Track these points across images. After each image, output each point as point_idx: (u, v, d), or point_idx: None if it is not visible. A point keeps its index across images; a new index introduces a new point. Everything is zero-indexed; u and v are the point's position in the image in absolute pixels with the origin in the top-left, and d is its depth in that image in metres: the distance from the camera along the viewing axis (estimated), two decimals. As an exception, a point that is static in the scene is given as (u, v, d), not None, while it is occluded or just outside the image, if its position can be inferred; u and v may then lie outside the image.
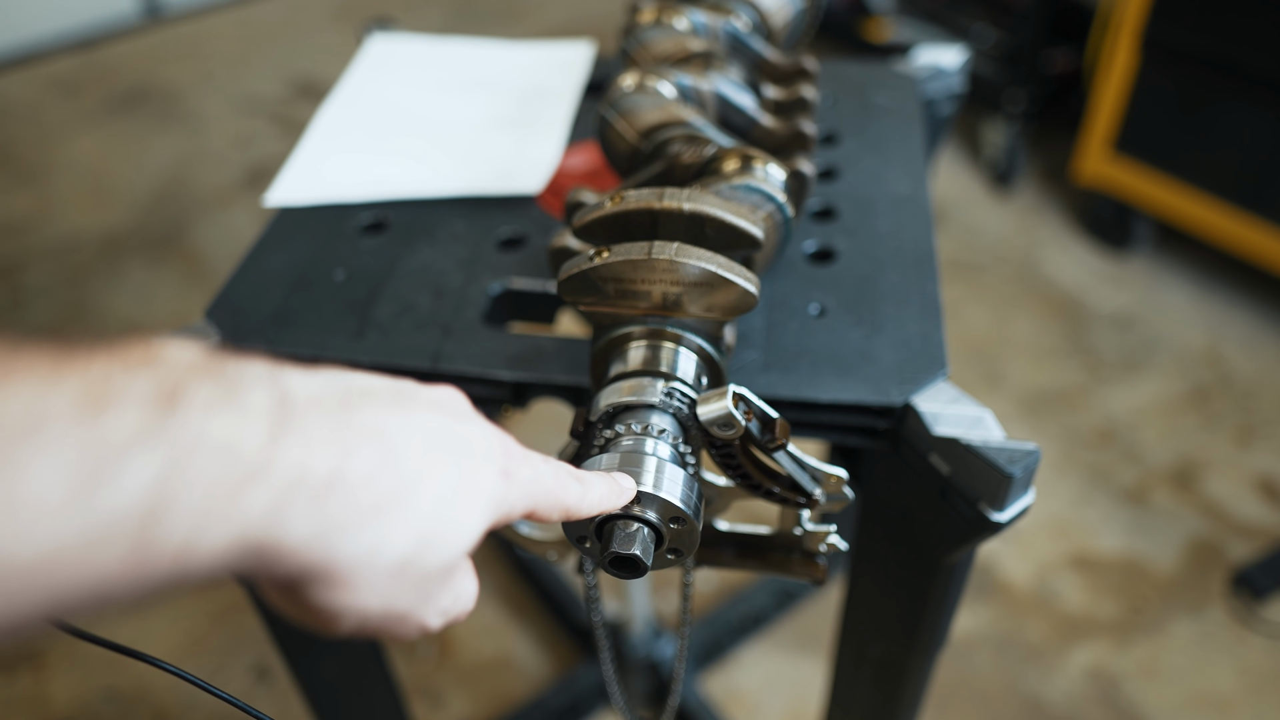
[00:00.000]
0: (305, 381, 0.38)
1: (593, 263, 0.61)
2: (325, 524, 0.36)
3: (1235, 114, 2.24)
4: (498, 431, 0.46)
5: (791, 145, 0.83)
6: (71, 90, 3.61)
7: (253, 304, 0.87)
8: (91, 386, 0.31)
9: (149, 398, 0.32)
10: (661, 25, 0.94)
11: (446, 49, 1.28)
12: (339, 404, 0.38)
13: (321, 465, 0.36)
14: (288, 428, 0.35)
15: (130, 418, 0.31)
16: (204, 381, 0.34)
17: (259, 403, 0.35)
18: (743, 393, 0.59)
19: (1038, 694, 1.72)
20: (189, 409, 0.33)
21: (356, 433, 0.38)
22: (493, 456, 0.44)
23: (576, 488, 0.50)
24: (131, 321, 2.57)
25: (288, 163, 1.06)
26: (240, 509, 0.33)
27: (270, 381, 0.36)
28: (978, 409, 0.73)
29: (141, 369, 0.33)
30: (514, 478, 0.44)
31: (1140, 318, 2.46)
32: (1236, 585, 1.86)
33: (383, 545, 0.38)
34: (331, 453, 0.36)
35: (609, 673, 0.85)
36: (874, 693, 0.97)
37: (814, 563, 0.73)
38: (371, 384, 0.42)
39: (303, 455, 0.35)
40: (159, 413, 0.32)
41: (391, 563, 0.38)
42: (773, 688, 1.76)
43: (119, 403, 0.31)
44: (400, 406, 0.41)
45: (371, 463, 0.37)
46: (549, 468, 0.48)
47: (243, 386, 0.35)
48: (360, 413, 0.39)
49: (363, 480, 0.37)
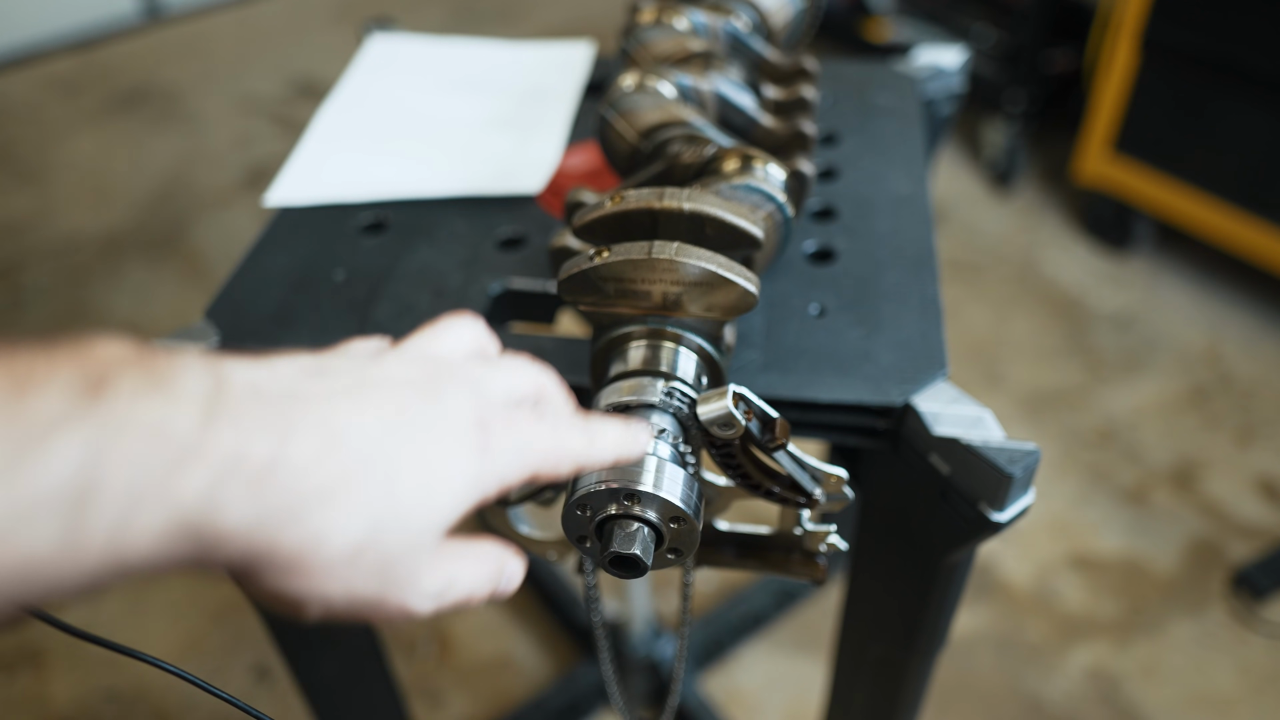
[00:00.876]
0: (248, 370, 0.37)
1: (593, 263, 0.61)
2: (265, 509, 0.35)
3: (1235, 114, 2.24)
4: (477, 401, 0.43)
5: (791, 145, 0.83)
6: (71, 90, 3.61)
7: (253, 304, 0.87)
8: (13, 372, 0.31)
9: (74, 384, 0.32)
10: (661, 25, 0.94)
11: (446, 49, 1.28)
12: (285, 391, 0.38)
13: (259, 449, 0.35)
14: (221, 412, 0.35)
15: (54, 401, 0.31)
16: (132, 370, 0.34)
17: (191, 389, 0.35)
18: (743, 392, 0.59)
19: (1038, 694, 1.72)
20: (115, 394, 0.33)
21: (300, 418, 0.37)
22: (463, 431, 0.42)
23: (580, 441, 0.47)
24: (131, 321, 2.57)
25: (287, 163, 1.06)
26: (174, 491, 0.33)
27: (204, 370, 0.36)
28: (978, 409, 0.73)
29: (67, 359, 0.33)
30: (493, 450, 0.43)
31: (1140, 318, 2.46)
32: (1236, 585, 1.86)
33: (329, 531, 0.37)
34: (269, 437, 0.36)
35: (609, 673, 0.85)
36: (874, 693, 0.97)
37: (814, 563, 0.73)
38: (331, 365, 0.41)
39: (237, 439, 0.35)
40: (84, 397, 0.32)
41: (342, 548, 0.37)
42: (773, 688, 1.76)
43: (42, 386, 0.31)
44: (358, 390, 0.40)
45: (313, 447, 0.37)
46: (543, 427, 0.46)
47: (173, 375, 0.35)
48: (307, 399, 0.38)
49: (304, 465, 0.36)
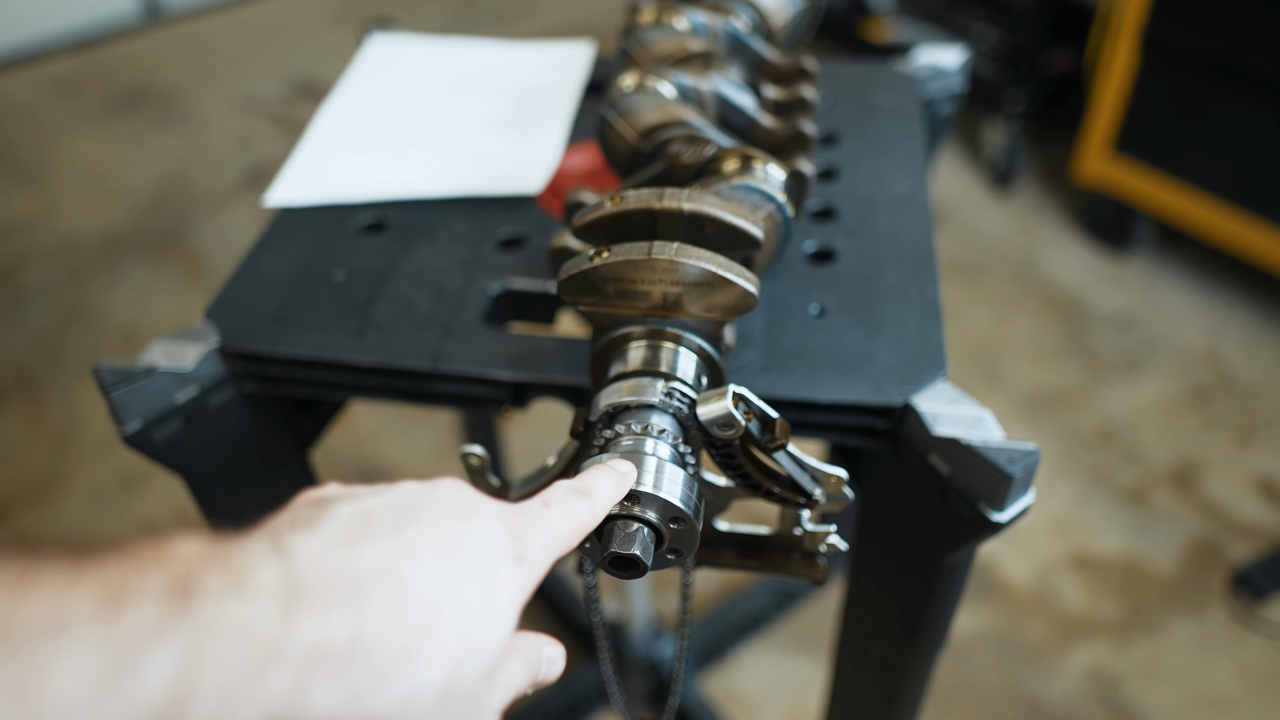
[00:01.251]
0: (305, 540, 0.38)
1: (593, 263, 0.61)
2: (353, 687, 0.36)
3: (1235, 114, 2.24)
4: (501, 513, 0.45)
5: (791, 145, 0.83)
6: (71, 90, 3.61)
7: (253, 304, 0.87)
8: (108, 586, 0.32)
9: (164, 591, 0.33)
10: (661, 25, 0.94)
11: (446, 49, 1.28)
12: (343, 553, 0.38)
13: (338, 631, 0.36)
14: (299, 600, 0.36)
15: (148, 611, 0.32)
16: (213, 570, 0.35)
17: (267, 581, 0.35)
18: (743, 393, 0.59)
19: (1038, 694, 1.72)
20: (203, 598, 0.34)
21: (367, 582, 0.38)
22: (504, 549, 0.43)
23: (585, 508, 0.49)
24: (131, 321, 2.58)
25: (287, 163, 1.06)
26: (263, 691, 0.34)
27: (275, 556, 0.37)
28: (978, 409, 0.73)
29: (153, 566, 0.34)
30: (529, 558, 0.44)
31: (1140, 318, 2.46)
32: (1236, 585, 1.86)
33: (418, 686, 0.38)
34: (345, 615, 0.36)
35: (609, 673, 0.85)
36: (874, 693, 0.97)
37: (814, 563, 0.73)
38: (369, 507, 0.41)
39: (318, 626, 0.35)
40: (174, 604, 0.33)
41: (431, 698, 0.39)
42: (773, 688, 1.76)
43: (136, 598, 0.33)
44: (403, 530, 0.41)
45: (388, 609, 0.37)
46: (555, 514, 0.47)
47: (249, 568, 0.36)
48: (365, 554, 0.39)
49: (383, 631, 0.37)
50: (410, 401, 0.85)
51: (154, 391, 0.79)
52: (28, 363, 2.47)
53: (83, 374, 2.41)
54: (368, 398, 0.86)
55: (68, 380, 2.41)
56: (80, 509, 2.10)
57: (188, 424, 0.82)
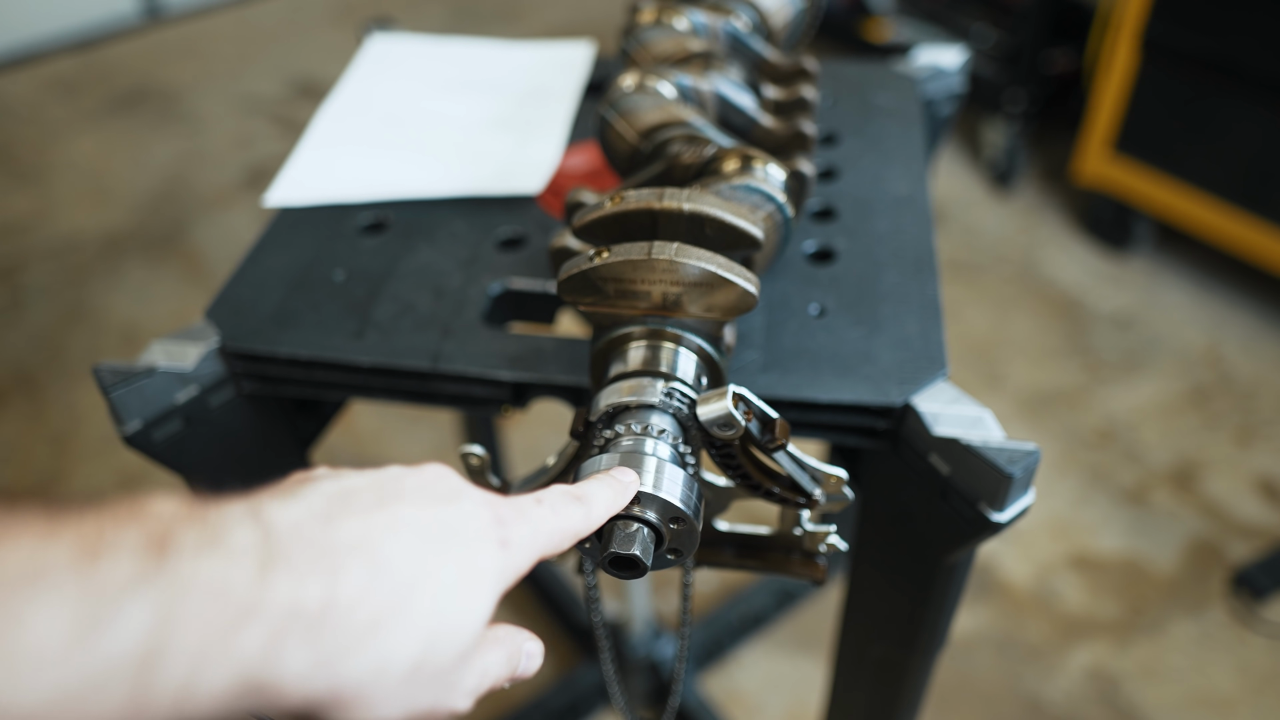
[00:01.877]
0: (284, 509, 0.38)
1: (593, 263, 0.61)
2: (325, 652, 0.36)
3: (1235, 114, 2.24)
4: (488, 500, 0.45)
5: (791, 145, 0.83)
6: (71, 90, 3.61)
7: (253, 304, 0.87)
8: (85, 538, 0.33)
9: (141, 546, 0.33)
10: (661, 25, 0.94)
11: (446, 49, 1.28)
12: (321, 523, 0.39)
13: (312, 594, 0.36)
14: (274, 562, 0.36)
15: (124, 564, 0.33)
16: (190, 528, 0.35)
17: (244, 541, 0.36)
18: (743, 393, 0.59)
19: (1038, 694, 1.72)
20: (179, 554, 0.34)
21: (343, 551, 0.38)
22: (486, 533, 0.43)
23: (579, 513, 0.49)
24: (131, 321, 2.58)
25: (287, 163, 1.06)
26: (236, 648, 0.34)
27: (252, 519, 0.37)
28: (978, 409, 0.73)
29: (130, 521, 0.34)
30: (512, 544, 0.44)
31: (1140, 318, 2.46)
32: (1236, 585, 1.86)
33: (389, 658, 0.38)
34: (320, 579, 0.37)
35: (609, 673, 0.85)
36: (874, 693, 0.97)
37: (814, 563, 0.73)
38: (352, 485, 0.42)
39: (292, 588, 0.36)
40: (151, 559, 0.33)
41: (401, 672, 0.39)
42: (773, 688, 1.76)
43: (113, 551, 0.33)
44: (383, 507, 0.41)
45: (362, 580, 0.38)
46: (546, 509, 0.48)
47: (226, 528, 0.36)
48: (343, 527, 0.39)
49: (356, 600, 0.37)
50: (410, 401, 0.85)
51: (154, 391, 0.79)
52: (28, 363, 2.47)
53: (83, 374, 2.41)
54: (368, 398, 0.86)
55: (68, 380, 2.41)
56: (80, 509, 2.10)
57: (188, 424, 0.82)
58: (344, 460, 2.15)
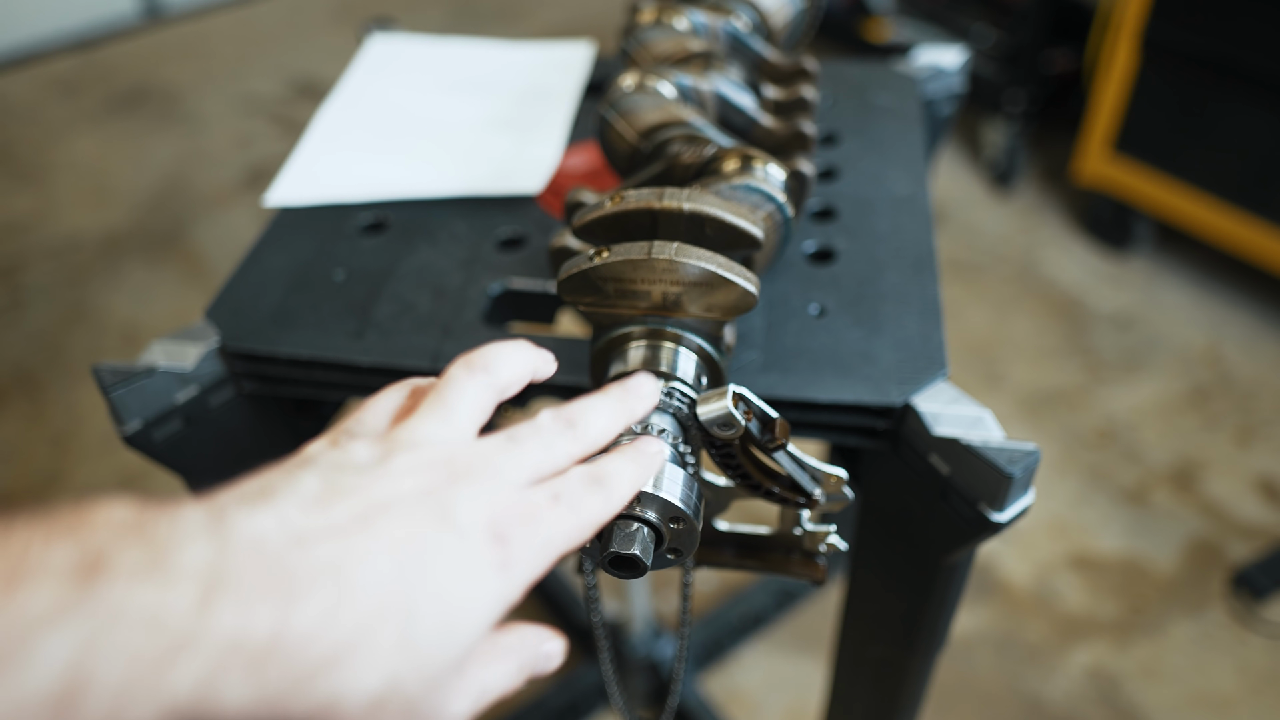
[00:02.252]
0: (251, 518, 0.35)
1: (592, 263, 0.61)
2: (269, 688, 0.33)
3: (1235, 114, 2.24)
4: (490, 506, 0.40)
5: (791, 145, 0.83)
6: (71, 90, 3.61)
7: (252, 304, 0.87)
8: (7, 560, 0.30)
9: (67, 569, 0.31)
10: (661, 25, 0.94)
11: (446, 49, 1.28)
12: (287, 542, 0.35)
13: (259, 625, 0.33)
14: (222, 586, 0.33)
15: (44, 593, 0.30)
16: (130, 545, 0.32)
17: (190, 562, 0.33)
18: (743, 393, 0.59)
19: (1038, 694, 1.72)
20: (111, 579, 0.31)
21: (305, 576, 0.35)
22: (481, 551, 0.39)
23: (599, 501, 0.44)
24: (131, 321, 2.58)
25: (287, 163, 1.06)
26: (167, 684, 0.31)
27: (208, 532, 0.34)
28: (978, 409, 0.73)
29: (64, 536, 0.32)
30: (514, 565, 0.40)
31: (1140, 318, 2.46)
32: (1236, 585, 1.86)
33: (342, 694, 0.35)
34: (271, 609, 0.33)
35: (609, 673, 0.85)
36: (874, 693, 0.97)
37: (814, 563, 0.73)
38: (340, 484, 0.38)
39: (236, 618, 0.33)
40: (76, 585, 0.31)
41: (358, 707, 0.35)
42: (773, 688, 1.76)
43: (34, 577, 0.30)
44: (365, 523, 0.37)
45: (320, 610, 0.34)
46: (564, 508, 0.42)
47: (174, 545, 0.33)
48: (315, 543, 0.35)
49: (310, 632, 0.34)
50: (410, 401, 0.84)
51: (154, 391, 0.79)
52: (28, 363, 2.47)
53: (83, 374, 2.41)
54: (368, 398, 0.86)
55: (68, 380, 2.41)
56: (80, 509, 2.10)
57: (188, 424, 0.82)
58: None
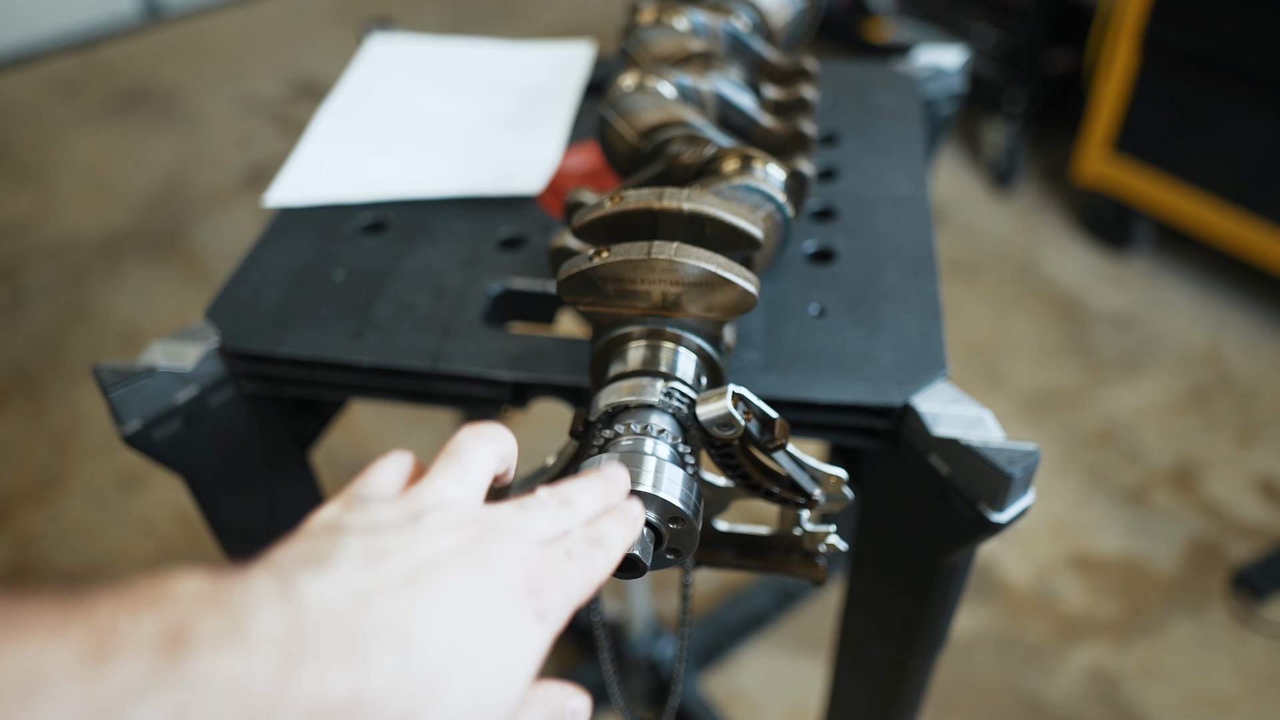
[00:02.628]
0: (317, 583, 0.37)
1: (592, 263, 0.61)
2: None
3: (1235, 114, 2.24)
4: (522, 561, 0.42)
5: (791, 145, 0.83)
6: (71, 90, 3.61)
7: (253, 304, 0.87)
8: (95, 633, 0.31)
9: (154, 641, 0.31)
10: (661, 25, 0.94)
11: (446, 49, 1.28)
12: (354, 603, 0.37)
13: (339, 688, 0.34)
14: (300, 653, 0.34)
15: (134, 666, 0.31)
16: (210, 615, 0.33)
17: (268, 629, 0.34)
18: (742, 393, 0.59)
19: (1038, 694, 1.72)
20: (196, 650, 0.32)
21: (375, 636, 0.36)
22: (523, 606, 0.41)
23: (602, 560, 0.47)
24: (131, 321, 2.58)
25: (287, 163, 1.06)
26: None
27: (280, 599, 0.35)
28: (977, 409, 0.73)
29: (146, 609, 0.32)
30: (549, 615, 0.42)
31: (1140, 318, 2.46)
32: (1236, 585, 1.86)
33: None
34: (348, 670, 0.35)
35: (609, 673, 0.85)
36: (874, 693, 0.97)
37: (814, 563, 0.73)
38: (383, 545, 0.39)
39: (317, 683, 0.34)
40: (164, 657, 0.31)
41: None
42: (773, 688, 1.76)
43: (122, 651, 0.31)
44: (417, 580, 0.39)
45: (394, 668, 0.36)
46: (576, 566, 0.45)
47: (250, 613, 0.34)
48: (377, 607, 0.37)
49: (386, 691, 0.35)
50: (410, 401, 0.85)
51: (154, 391, 0.79)
52: (28, 363, 2.47)
53: (83, 374, 2.41)
54: (368, 398, 0.86)
55: (68, 380, 2.41)
56: (80, 509, 2.10)
57: (188, 424, 0.82)
58: (344, 460, 2.15)
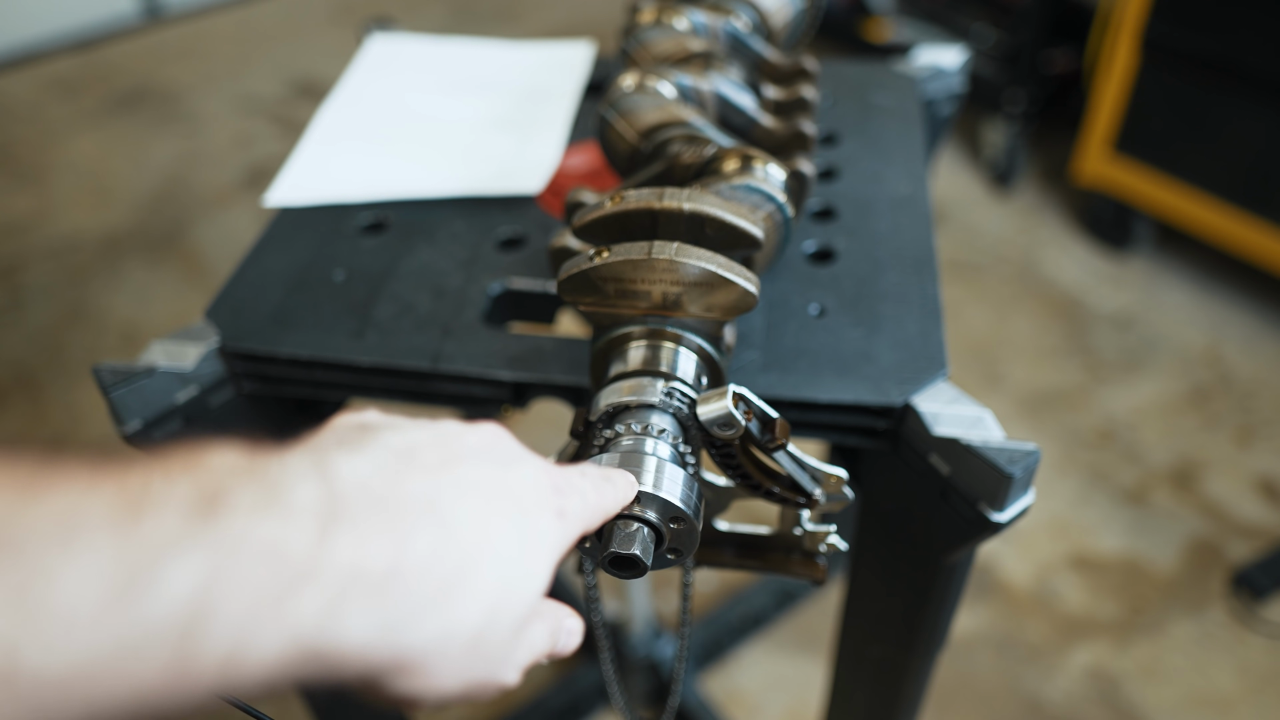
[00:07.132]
0: (352, 463, 0.37)
1: (593, 263, 0.61)
2: (389, 618, 0.35)
3: (1235, 114, 2.24)
4: (544, 466, 0.44)
5: (791, 145, 0.83)
6: (71, 90, 3.61)
7: (253, 304, 0.87)
8: (129, 493, 0.31)
9: (189, 502, 0.31)
10: (661, 25, 0.94)
11: (446, 49, 1.28)
12: (389, 480, 0.37)
13: (378, 558, 0.34)
14: (338, 523, 0.34)
15: (169, 522, 0.31)
16: (247, 484, 0.33)
17: (305, 501, 0.34)
18: (743, 393, 0.59)
19: (1038, 694, 1.72)
20: (232, 512, 0.32)
21: (411, 512, 0.36)
22: (545, 500, 0.43)
23: (611, 491, 0.49)
24: (131, 321, 2.57)
25: (287, 163, 1.06)
26: (291, 613, 0.32)
27: (316, 474, 0.35)
28: (977, 409, 0.73)
29: (181, 475, 0.32)
30: (567, 515, 0.44)
31: (1140, 318, 2.46)
32: (1236, 585, 1.86)
33: (453, 626, 0.37)
34: (387, 542, 0.35)
35: (609, 673, 0.85)
36: (874, 693, 0.97)
37: (814, 563, 0.73)
38: (415, 439, 0.40)
39: (356, 551, 0.34)
40: (200, 517, 0.31)
41: (465, 640, 0.37)
42: (773, 688, 1.76)
43: (158, 507, 0.31)
44: (449, 466, 0.39)
45: (431, 544, 0.36)
46: (589, 483, 0.47)
47: (286, 485, 0.34)
48: (411, 484, 0.37)
49: (424, 565, 0.36)
50: (410, 401, 0.85)
51: (154, 391, 0.79)
52: (28, 363, 2.47)
53: (83, 374, 2.41)
54: (368, 398, 0.86)
55: (68, 380, 2.41)
56: (80, 509, 2.10)
57: (188, 424, 0.82)
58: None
